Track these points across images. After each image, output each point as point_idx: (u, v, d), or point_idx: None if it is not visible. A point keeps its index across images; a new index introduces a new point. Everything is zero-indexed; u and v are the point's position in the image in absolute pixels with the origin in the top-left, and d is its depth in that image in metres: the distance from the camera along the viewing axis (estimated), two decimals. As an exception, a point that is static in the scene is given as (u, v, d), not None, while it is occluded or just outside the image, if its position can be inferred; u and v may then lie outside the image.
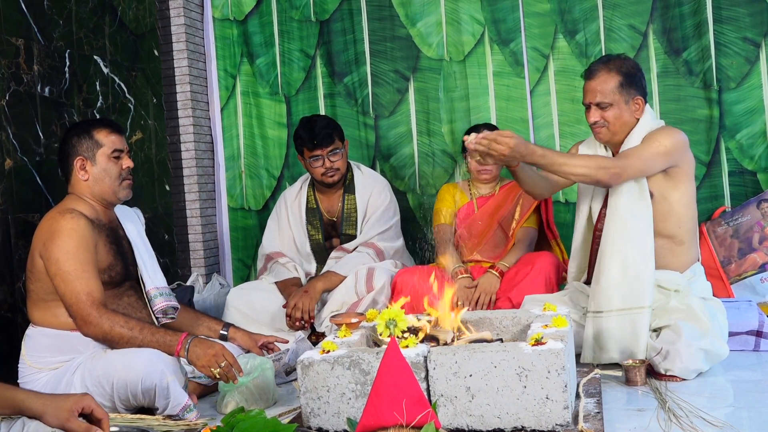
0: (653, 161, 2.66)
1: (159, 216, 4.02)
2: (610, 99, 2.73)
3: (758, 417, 2.13)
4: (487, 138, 2.51)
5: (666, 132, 2.71)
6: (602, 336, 2.64)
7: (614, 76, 2.73)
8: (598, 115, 2.76)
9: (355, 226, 3.59)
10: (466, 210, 3.53)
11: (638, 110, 2.76)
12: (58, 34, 3.34)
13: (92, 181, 2.64)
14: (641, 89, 2.77)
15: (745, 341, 2.89)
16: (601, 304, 2.66)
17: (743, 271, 3.41)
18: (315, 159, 3.48)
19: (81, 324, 2.47)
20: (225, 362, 2.45)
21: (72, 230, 2.50)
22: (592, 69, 2.79)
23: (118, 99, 3.73)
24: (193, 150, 4.18)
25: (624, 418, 2.18)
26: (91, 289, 2.47)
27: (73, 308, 2.47)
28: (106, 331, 2.45)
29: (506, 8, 3.93)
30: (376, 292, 3.27)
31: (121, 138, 2.71)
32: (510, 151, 2.51)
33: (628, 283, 2.62)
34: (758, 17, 3.62)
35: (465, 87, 4.01)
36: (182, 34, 4.15)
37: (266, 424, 1.86)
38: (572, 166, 2.62)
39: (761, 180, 3.63)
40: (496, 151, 2.51)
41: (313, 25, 4.23)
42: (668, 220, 2.72)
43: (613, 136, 2.79)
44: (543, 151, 2.61)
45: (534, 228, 3.46)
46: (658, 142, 2.67)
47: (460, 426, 2.06)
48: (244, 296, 3.42)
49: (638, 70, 2.78)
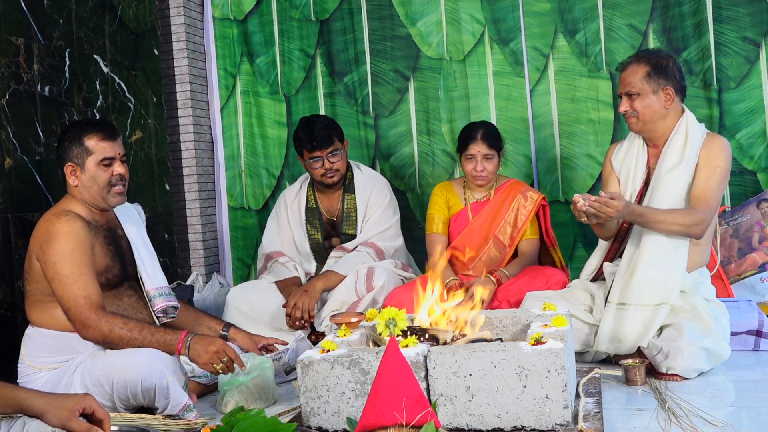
0: (722, 189, 2.76)
1: (159, 215, 4.02)
2: (637, 88, 2.79)
3: (758, 417, 2.13)
4: (599, 202, 2.56)
5: (719, 150, 2.76)
6: (623, 328, 2.66)
7: (642, 66, 2.81)
8: (627, 105, 2.83)
9: (355, 225, 3.59)
10: (459, 218, 3.46)
11: (669, 100, 2.79)
12: (58, 34, 3.34)
13: (81, 188, 2.61)
14: (673, 81, 2.81)
15: (745, 341, 2.89)
16: (631, 297, 2.67)
17: (743, 271, 3.42)
18: (315, 160, 3.48)
19: (80, 327, 2.46)
20: (226, 358, 2.46)
21: (68, 233, 2.49)
22: (624, 62, 2.89)
23: (118, 98, 3.73)
24: (193, 149, 4.18)
25: (624, 418, 2.18)
26: (89, 293, 2.46)
27: (72, 312, 2.46)
28: (105, 334, 2.45)
29: (506, 8, 3.93)
30: (376, 292, 3.27)
31: (113, 144, 2.62)
32: (617, 215, 2.60)
33: (663, 280, 2.66)
34: (758, 17, 3.62)
35: (465, 86, 4.01)
36: (182, 33, 4.14)
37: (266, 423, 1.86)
38: (668, 224, 2.65)
39: (761, 180, 3.63)
40: (605, 213, 2.58)
41: (313, 25, 4.23)
42: None
43: (644, 125, 2.84)
44: (641, 210, 2.67)
45: (537, 239, 3.42)
46: (719, 169, 2.73)
47: (459, 425, 2.06)
48: (244, 296, 3.42)
49: (671, 62, 2.83)
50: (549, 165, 3.92)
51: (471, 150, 3.35)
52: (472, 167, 3.36)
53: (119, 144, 2.66)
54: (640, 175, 2.90)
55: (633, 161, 2.92)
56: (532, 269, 3.28)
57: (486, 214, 3.43)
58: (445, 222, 3.47)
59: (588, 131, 3.86)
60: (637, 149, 2.93)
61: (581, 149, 3.86)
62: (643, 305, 2.65)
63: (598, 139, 3.82)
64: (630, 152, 2.95)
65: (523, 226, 3.36)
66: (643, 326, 2.63)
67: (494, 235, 3.40)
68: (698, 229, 2.67)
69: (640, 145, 2.93)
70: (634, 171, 2.91)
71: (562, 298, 2.89)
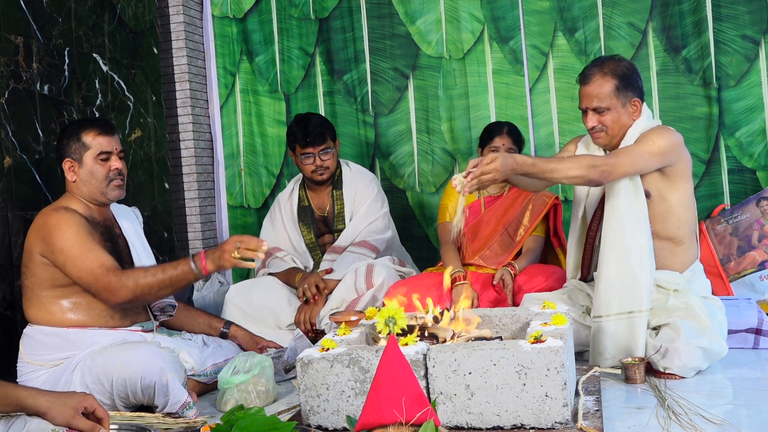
0: (646, 160, 2.61)
1: (158, 214, 4.02)
2: (606, 103, 2.68)
3: (757, 414, 2.13)
4: (473, 175, 2.47)
5: (660, 131, 2.66)
6: (601, 341, 2.63)
7: (609, 80, 2.68)
8: (595, 120, 2.72)
9: (344, 221, 3.60)
10: (472, 209, 3.49)
11: (636, 111, 2.72)
12: (58, 32, 3.34)
13: (80, 183, 2.65)
14: (638, 90, 2.72)
15: (745, 339, 2.89)
16: (600, 309, 2.63)
17: (742, 269, 3.42)
18: (306, 156, 3.50)
19: (108, 296, 2.49)
20: (237, 243, 2.47)
21: (68, 220, 2.54)
22: (586, 73, 2.73)
23: (117, 97, 3.73)
24: (193, 148, 4.18)
25: (623, 416, 2.19)
26: (102, 261, 2.50)
27: (93, 285, 2.49)
28: (132, 289, 2.47)
29: (506, 6, 3.93)
30: (375, 289, 3.27)
31: (110, 139, 2.67)
32: (500, 174, 2.48)
33: (626, 286, 2.59)
34: (757, 15, 3.62)
35: (464, 85, 4.01)
36: (181, 31, 4.14)
37: (265, 421, 1.87)
38: (562, 170, 2.56)
39: (760, 178, 3.63)
40: (488, 179, 2.48)
41: (312, 23, 4.23)
42: (667, 221, 2.69)
43: (612, 139, 2.75)
44: (533, 161, 2.57)
45: (543, 237, 3.43)
46: (651, 141, 2.62)
47: (459, 424, 2.06)
48: (243, 294, 3.42)
49: (634, 71, 2.73)
50: (548, 163, 3.91)
51: (496, 142, 3.38)
52: None
53: (116, 140, 2.71)
54: None
55: None
56: (533, 266, 3.29)
57: (498, 207, 3.45)
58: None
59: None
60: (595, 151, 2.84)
61: (581, 147, 3.86)
62: (615, 315, 2.59)
63: (597, 138, 3.82)
64: (589, 152, 2.84)
65: (533, 224, 3.38)
66: (620, 337, 2.57)
67: (504, 228, 3.42)
68: (594, 171, 2.53)
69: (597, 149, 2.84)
70: None
71: (559, 299, 2.87)
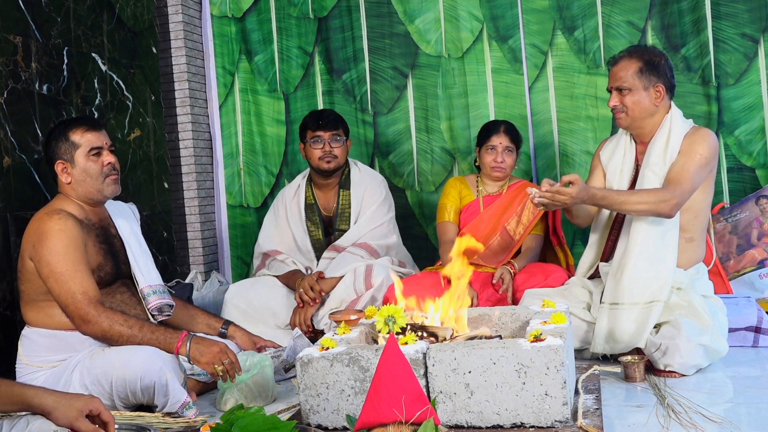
0: (701, 175, 2.71)
1: (158, 214, 4.01)
2: (628, 84, 2.77)
3: (757, 413, 2.14)
4: (550, 191, 2.58)
5: (701, 139, 2.73)
6: (618, 328, 2.65)
7: (635, 62, 2.79)
8: (617, 100, 2.81)
9: (349, 221, 3.59)
10: (470, 208, 3.48)
11: (659, 98, 2.78)
12: (56, 32, 3.34)
13: (75, 183, 2.61)
14: (664, 78, 2.79)
15: (744, 337, 2.89)
16: (623, 297, 2.67)
17: (742, 268, 3.42)
18: (316, 141, 3.49)
19: (80, 323, 2.46)
20: (228, 360, 2.45)
21: (60, 231, 2.48)
22: (616, 56, 2.87)
23: (116, 96, 3.73)
24: (192, 147, 4.18)
25: (623, 414, 2.19)
26: (87, 288, 2.46)
27: (70, 308, 2.45)
28: (105, 330, 2.45)
29: (505, 5, 3.92)
30: (375, 289, 3.26)
31: (98, 134, 2.64)
32: (572, 201, 2.59)
33: (652, 277, 2.65)
34: (757, 13, 3.62)
35: (463, 84, 4.01)
36: (180, 31, 4.14)
37: (265, 421, 1.87)
38: (633, 204, 2.64)
39: (760, 176, 3.63)
40: (560, 201, 2.59)
41: (311, 22, 4.23)
42: (685, 213, 2.74)
43: (633, 121, 2.82)
44: (602, 193, 2.66)
45: (542, 235, 3.43)
46: (699, 155, 2.69)
47: (459, 422, 2.06)
48: (243, 293, 3.42)
49: (662, 60, 2.81)
50: (548, 162, 3.92)
51: (493, 141, 3.40)
52: (492, 158, 3.40)
53: (104, 134, 2.68)
54: (627, 171, 2.89)
55: (621, 157, 2.91)
56: (533, 265, 3.29)
57: (497, 206, 3.45)
58: (456, 212, 3.51)
59: (587, 128, 3.86)
60: (624, 146, 2.93)
61: (580, 146, 3.86)
62: (634, 303, 2.64)
63: (596, 136, 3.82)
64: (618, 148, 2.94)
65: (531, 223, 3.38)
66: (637, 325, 2.62)
67: (503, 227, 3.42)
68: (665, 206, 2.62)
69: (627, 142, 2.93)
70: (621, 167, 2.90)
71: (560, 296, 2.88)
